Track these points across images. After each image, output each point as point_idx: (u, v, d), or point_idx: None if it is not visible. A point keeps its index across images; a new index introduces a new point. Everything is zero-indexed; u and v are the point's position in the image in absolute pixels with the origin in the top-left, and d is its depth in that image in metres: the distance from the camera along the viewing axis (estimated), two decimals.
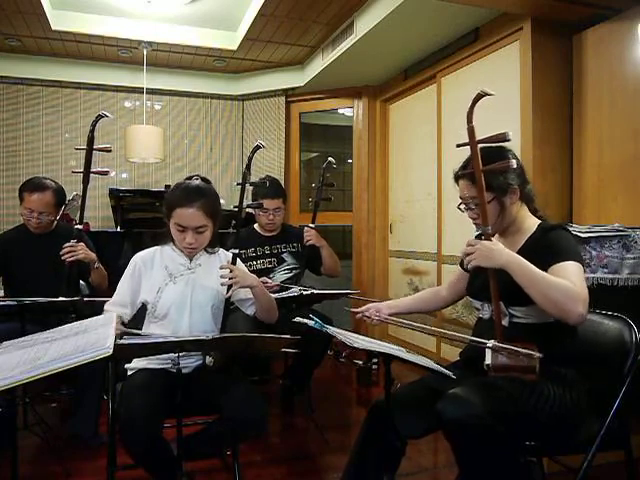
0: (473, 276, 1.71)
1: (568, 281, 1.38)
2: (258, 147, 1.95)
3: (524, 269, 1.41)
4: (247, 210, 3.29)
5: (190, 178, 1.93)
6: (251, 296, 1.92)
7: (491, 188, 1.54)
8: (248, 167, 1.94)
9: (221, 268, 1.85)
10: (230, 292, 1.85)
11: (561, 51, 2.85)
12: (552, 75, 2.84)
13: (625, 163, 2.56)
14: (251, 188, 2.93)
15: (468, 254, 1.49)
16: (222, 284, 1.84)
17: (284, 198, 2.94)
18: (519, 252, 1.58)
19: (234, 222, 2.12)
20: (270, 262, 2.92)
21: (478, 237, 1.62)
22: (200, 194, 1.81)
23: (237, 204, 1.94)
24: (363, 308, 1.85)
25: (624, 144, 2.56)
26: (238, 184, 1.95)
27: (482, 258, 1.46)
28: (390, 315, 1.83)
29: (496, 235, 1.67)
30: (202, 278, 1.88)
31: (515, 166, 1.48)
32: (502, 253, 1.44)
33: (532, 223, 1.62)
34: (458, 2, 2.81)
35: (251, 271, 2.12)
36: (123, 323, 1.82)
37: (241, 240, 2.85)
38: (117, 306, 1.86)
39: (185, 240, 1.80)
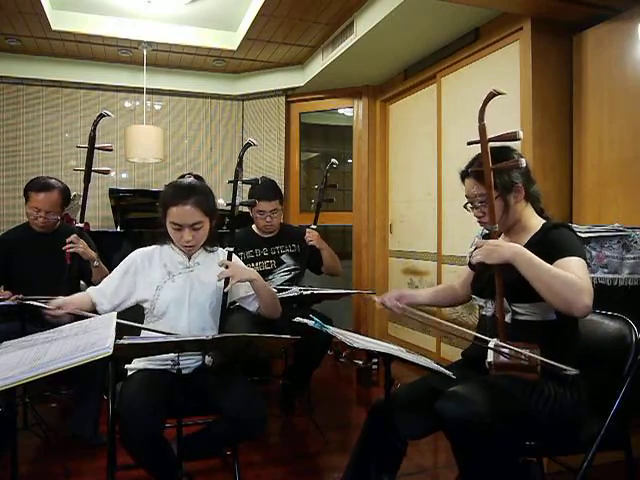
0: (477, 274, 1.72)
1: (572, 274, 1.38)
2: (249, 145, 1.95)
3: (530, 262, 1.41)
4: (244, 210, 3.28)
5: (183, 177, 1.94)
6: (252, 292, 1.92)
7: (495, 186, 1.55)
8: (240, 165, 1.94)
9: (220, 264, 1.84)
10: (229, 286, 1.84)
11: (561, 51, 2.85)
12: (552, 75, 2.84)
13: (625, 163, 2.56)
14: (247, 190, 2.90)
15: (476, 251, 1.50)
16: (219, 277, 1.83)
17: (281, 199, 2.89)
18: None
19: (228, 220, 2.11)
20: (269, 264, 2.89)
21: (485, 237, 1.62)
22: (193, 191, 1.80)
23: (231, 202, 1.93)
24: (384, 297, 1.85)
25: (624, 144, 2.56)
26: (230, 182, 1.95)
27: (489, 254, 1.46)
28: (407, 305, 1.84)
29: (502, 235, 1.68)
30: (201, 276, 1.89)
31: (524, 165, 1.48)
32: (508, 247, 1.44)
33: (537, 223, 1.62)
34: (458, 2, 2.81)
35: None
36: (97, 313, 1.78)
37: (238, 241, 2.84)
38: (98, 294, 1.84)
39: (183, 238, 1.80)
